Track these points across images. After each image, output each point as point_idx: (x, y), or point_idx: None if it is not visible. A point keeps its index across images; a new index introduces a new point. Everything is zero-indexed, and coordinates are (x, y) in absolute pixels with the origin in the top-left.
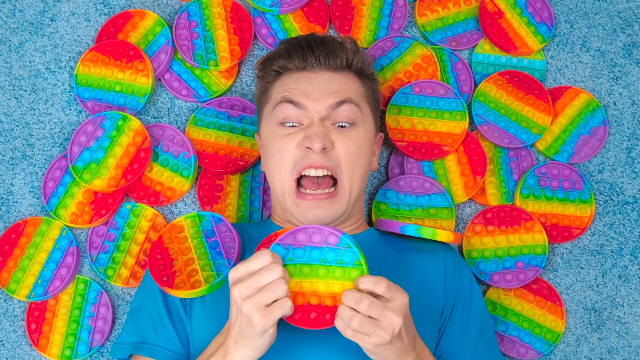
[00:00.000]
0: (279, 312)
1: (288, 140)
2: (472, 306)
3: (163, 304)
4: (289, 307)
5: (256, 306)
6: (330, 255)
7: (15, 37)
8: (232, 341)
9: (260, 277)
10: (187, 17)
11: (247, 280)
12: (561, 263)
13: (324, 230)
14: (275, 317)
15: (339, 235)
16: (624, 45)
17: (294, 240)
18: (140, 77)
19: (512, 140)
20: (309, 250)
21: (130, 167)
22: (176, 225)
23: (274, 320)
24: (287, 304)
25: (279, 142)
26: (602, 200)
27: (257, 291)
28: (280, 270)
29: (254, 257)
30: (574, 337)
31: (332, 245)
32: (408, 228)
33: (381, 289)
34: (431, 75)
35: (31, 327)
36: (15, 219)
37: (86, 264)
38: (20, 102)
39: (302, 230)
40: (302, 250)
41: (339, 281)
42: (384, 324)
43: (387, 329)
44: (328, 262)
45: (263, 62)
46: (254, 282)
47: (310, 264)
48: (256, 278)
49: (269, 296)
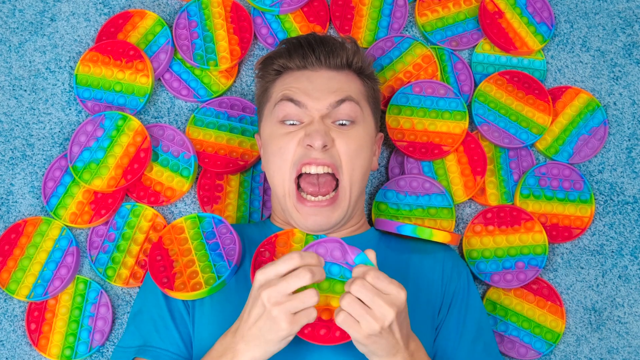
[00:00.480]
0: (304, 320)
1: (289, 139)
2: (469, 307)
3: (165, 306)
4: (314, 317)
5: (285, 312)
6: (348, 273)
7: (15, 37)
8: (242, 343)
9: (289, 283)
10: (187, 17)
11: (276, 286)
12: (561, 263)
13: (344, 247)
14: (301, 325)
15: (358, 253)
16: (624, 45)
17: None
18: (140, 77)
19: (512, 140)
20: (329, 265)
21: (130, 167)
22: (176, 227)
23: (299, 328)
24: (313, 314)
25: (280, 141)
26: (602, 200)
27: (287, 297)
28: (308, 277)
29: (283, 259)
30: (574, 337)
31: (351, 264)
32: (405, 228)
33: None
34: (431, 75)
35: (31, 327)
36: (15, 219)
37: (86, 264)
38: (20, 102)
39: (322, 244)
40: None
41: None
42: (374, 312)
43: (377, 319)
44: (346, 279)
45: (263, 62)
46: (283, 287)
47: (329, 279)
48: (284, 284)
49: (299, 306)
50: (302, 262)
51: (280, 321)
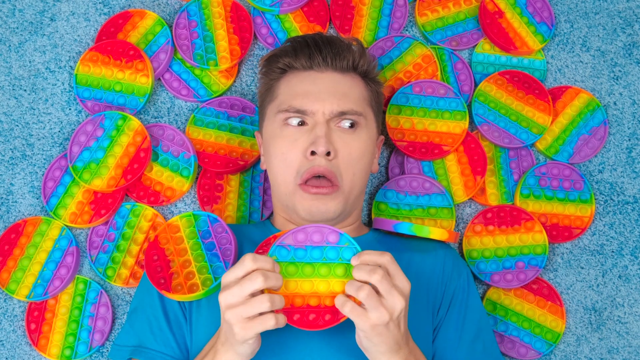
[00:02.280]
0: (259, 327)
1: (292, 146)
2: (468, 307)
3: (161, 307)
4: (271, 324)
5: (236, 317)
6: (331, 253)
7: (15, 36)
8: (220, 344)
9: (242, 287)
10: (187, 16)
11: (232, 288)
12: (561, 263)
13: (324, 229)
14: (255, 331)
15: (339, 233)
16: (624, 45)
17: (294, 240)
18: (140, 77)
19: (512, 140)
20: (309, 249)
21: (130, 167)
22: (172, 225)
23: (253, 334)
24: (270, 322)
25: (282, 146)
26: (603, 200)
27: (241, 300)
28: (260, 280)
29: (238, 263)
30: (574, 337)
31: (332, 244)
32: (402, 226)
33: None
34: (431, 75)
35: (31, 327)
36: (15, 218)
37: (86, 264)
38: (20, 102)
39: (301, 230)
40: (304, 250)
41: (341, 279)
42: (387, 302)
43: (389, 308)
44: (329, 260)
45: (268, 59)
46: (237, 290)
47: (312, 263)
48: (238, 287)
49: (250, 311)
50: (255, 265)
51: (232, 325)
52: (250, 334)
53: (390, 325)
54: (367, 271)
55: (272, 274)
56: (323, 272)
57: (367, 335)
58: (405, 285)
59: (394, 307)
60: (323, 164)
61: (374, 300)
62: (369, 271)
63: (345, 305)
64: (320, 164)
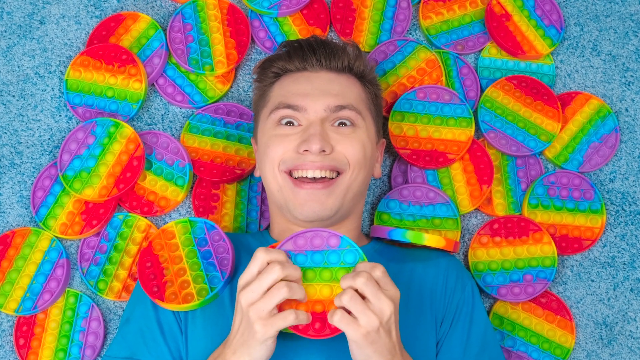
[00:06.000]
0: (280, 323)
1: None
2: (473, 321)
3: (154, 317)
4: (292, 319)
5: (258, 313)
6: (332, 257)
7: (3, 40)
8: (230, 352)
9: (260, 281)
10: (181, 19)
11: (250, 285)
12: (571, 276)
13: (323, 233)
14: (276, 328)
15: (340, 237)
16: (636, 49)
17: (294, 246)
18: (133, 82)
19: (520, 148)
20: (310, 254)
21: (122, 176)
22: (167, 231)
23: (274, 331)
24: (290, 316)
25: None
26: (614, 211)
27: (262, 295)
28: (277, 268)
29: (251, 260)
30: (584, 353)
31: (333, 248)
32: (395, 232)
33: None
34: (436, 80)
35: (19, 342)
36: (2, 229)
37: (77, 277)
38: (8, 108)
39: (301, 235)
40: (304, 255)
41: None
42: (374, 306)
43: (377, 312)
44: (331, 264)
45: (262, 65)
46: (257, 286)
47: (314, 268)
48: (257, 282)
49: (269, 303)
50: (269, 257)
51: (254, 322)
52: (271, 331)
53: (381, 331)
54: (350, 277)
55: (288, 264)
56: (325, 277)
57: (359, 346)
58: (394, 292)
59: (382, 311)
60: (318, 160)
61: (359, 303)
62: (353, 277)
63: (335, 314)
64: (314, 160)
